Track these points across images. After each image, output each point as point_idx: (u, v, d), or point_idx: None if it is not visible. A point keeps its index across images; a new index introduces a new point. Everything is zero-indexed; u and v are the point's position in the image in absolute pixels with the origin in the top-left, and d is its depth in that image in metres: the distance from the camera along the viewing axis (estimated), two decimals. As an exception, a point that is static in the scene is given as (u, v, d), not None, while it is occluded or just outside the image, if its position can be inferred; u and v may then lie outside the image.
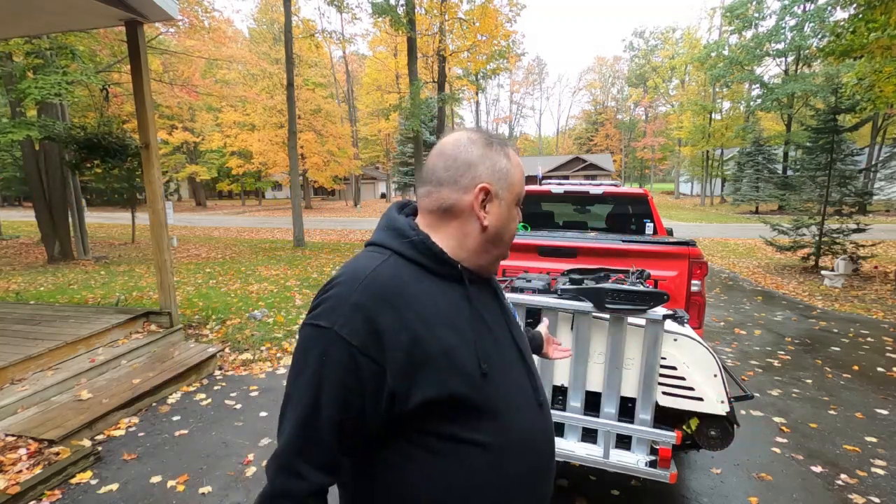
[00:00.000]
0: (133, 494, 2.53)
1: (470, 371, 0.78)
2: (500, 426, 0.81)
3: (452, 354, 0.77)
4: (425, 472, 0.78)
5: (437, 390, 0.75)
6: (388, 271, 0.79)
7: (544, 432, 0.90)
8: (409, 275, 0.80)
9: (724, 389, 1.90)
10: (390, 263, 0.80)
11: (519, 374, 0.89)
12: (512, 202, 0.86)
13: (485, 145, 0.85)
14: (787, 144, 24.17)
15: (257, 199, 41.49)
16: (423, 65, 16.13)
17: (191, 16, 12.20)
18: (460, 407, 0.77)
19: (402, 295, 0.77)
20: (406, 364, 0.74)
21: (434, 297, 0.80)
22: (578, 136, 66.28)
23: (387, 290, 0.76)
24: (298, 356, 0.77)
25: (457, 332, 0.79)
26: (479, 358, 0.80)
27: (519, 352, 0.91)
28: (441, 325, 0.78)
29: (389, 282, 0.77)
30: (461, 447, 0.78)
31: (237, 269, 9.07)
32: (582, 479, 2.63)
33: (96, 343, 3.98)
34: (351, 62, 35.65)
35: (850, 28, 7.26)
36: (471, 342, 0.80)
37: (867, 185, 14.13)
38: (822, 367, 4.33)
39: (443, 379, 0.75)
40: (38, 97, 6.79)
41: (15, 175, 21.77)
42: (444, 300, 0.81)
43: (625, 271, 2.25)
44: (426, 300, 0.79)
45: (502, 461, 0.81)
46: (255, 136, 25.45)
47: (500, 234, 0.86)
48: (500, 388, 0.83)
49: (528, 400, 0.87)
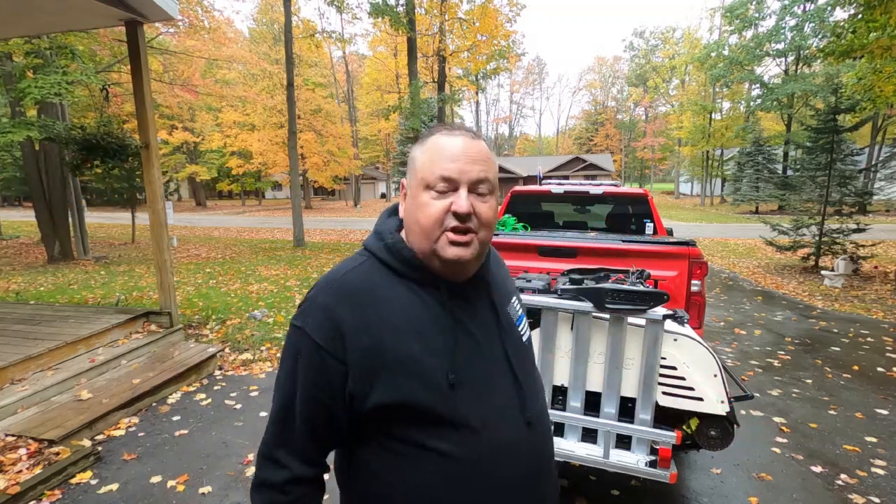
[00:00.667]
0: (133, 494, 2.53)
1: (435, 381, 0.76)
2: (471, 440, 0.77)
3: (416, 362, 0.76)
4: (394, 475, 0.79)
5: (393, 396, 0.75)
6: (360, 275, 0.81)
7: (532, 453, 0.85)
8: (382, 278, 0.81)
9: (724, 389, 1.90)
10: (365, 267, 0.83)
11: (504, 388, 0.84)
12: (419, 187, 0.80)
13: (419, 141, 0.85)
14: (787, 144, 24.16)
15: (257, 199, 41.49)
16: (423, 65, 16.13)
17: (191, 16, 12.20)
18: (423, 416, 0.76)
19: (368, 298, 0.78)
20: (365, 366, 0.75)
21: (405, 302, 0.79)
22: (578, 136, 66.26)
23: (354, 293, 0.79)
24: (282, 354, 0.83)
25: (425, 340, 0.78)
26: (448, 368, 0.77)
27: (509, 366, 0.85)
28: (408, 332, 0.77)
29: (359, 285, 0.80)
30: (426, 454, 0.77)
31: (237, 269, 9.07)
32: (582, 479, 2.63)
33: (96, 343, 3.98)
34: (351, 62, 35.66)
35: (850, 28, 7.26)
36: (440, 351, 0.78)
37: (867, 185, 14.13)
38: (822, 367, 4.33)
39: (401, 385, 0.75)
40: (37, 97, 6.78)
41: (15, 175, 21.76)
42: (417, 306, 0.80)
43: (625, 271, 2.24)
44: (395, 305, 0.79)
45: (473, 476, 0.78)
46: (255, 136, 25.45)
47: (411, 223, 0.82)
48: (473, 402, 0.79)
49: (510, 416, 0.83)
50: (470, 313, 0.84)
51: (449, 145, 0.80)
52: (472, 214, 0.78)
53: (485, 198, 0.80)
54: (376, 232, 0.86)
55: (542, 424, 0.90)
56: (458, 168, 0.78)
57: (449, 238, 0.78)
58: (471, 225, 0.78)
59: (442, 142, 0.80)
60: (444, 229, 0.78)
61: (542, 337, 2.07)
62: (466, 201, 0.77)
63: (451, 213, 0.77)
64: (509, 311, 0.93)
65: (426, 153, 0.81)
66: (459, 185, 0.78)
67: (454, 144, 0.79)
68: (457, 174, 0.78)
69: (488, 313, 0.87)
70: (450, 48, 15.25)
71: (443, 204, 0.78)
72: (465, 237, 0.78)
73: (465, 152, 0.79)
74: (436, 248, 0.79)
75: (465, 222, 0.77)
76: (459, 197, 0.77)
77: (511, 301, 0.95)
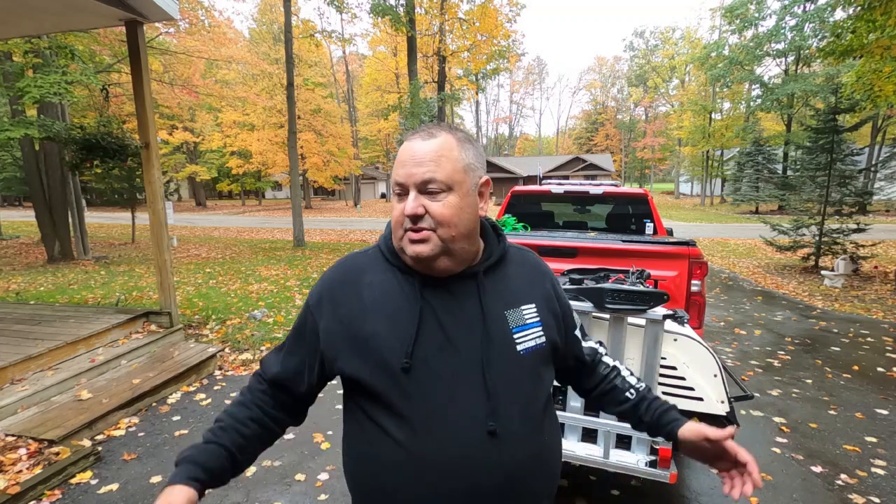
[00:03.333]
0: (133, 494, 2.53)
1: (389, 362, 0.81)
2: (418, 433, 0.80)
3: (377, 340, 0.82)
4: (357, 436, 0.89)
5: (351, 368, 0.84)
6: (361, 258, 0.94)
7: (491, 465, 0.80)
8: (375, 264, 0.91)
9: (724, 389, 1.90)
10: (369, 253, 0.94)
11: (466, 392, 0.81)
12: (395, 187, 0.85)
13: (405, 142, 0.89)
14: (787, 144, 24.17)
15: (257, 199, 41.47)
16: (423, 65, 16.13)
17: (191, 16, 12.19)
18: (376, 397, 0.83)
19: (356, 277, 0.90)
20: (334, 333, 0.86)
21: (386, 286, 0.87)
22: (578, 136, 66.29)
23: (347, 271, 0.92)
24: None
25: (393, 323, 0.83)
26: (405, 352, 0.80)
27: (480, 368, 0.82)
28: (378, 312, 0.85)
29: (354, 265, 0.92)
30: (384, 436, 0.83)
31: (237, 269, 9.06)
32: (582, 479, 2.63)
33: (96, 343, 3.98)
34: (351, 62, 35.66)
35: (849, 28, 7.26)
36: (404, 336, 0.82)
37: (867, 185, 14.12)
38: (822, 367, 4.33)
39: (357, 360, 0.83)
40: (36, 96, 6.78)
41: (15, 175, 21.78)
42: (396, 291, 0.86)
43: (625, 271, 2.24)
44: (377, 286, 0.87)
45: (421, 472, 0.79)
46: (254, 136, 25.45)
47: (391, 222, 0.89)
48: (425, 394, 0.80)
49: (466, 422, 0.80)
50: (450, 308, 0.85)
51: (404, 149, 0.85)
52: (425, 215, 0.81)
53: (436, 196, 0.81)
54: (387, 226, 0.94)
55: (518, 437, 0.83)
56: (405, 172, 0.82)
57: (408, 237, 0.83)
58: (423, 225, 0.81)
59: (403, 146, 0.86)
60: (405, 229, 0.83)
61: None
62: (412, 203, 0.81)
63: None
64: (508, 315, 0.88)
65: (401, 154, 0.86)
66: (409, 188, 0.82)
67: (406, 149, 0.84)
68: (403, 178, 0.82)
69: (474, 312, 0.85)
70: (450, 48, 15.25)
71: (401, 206, 0.83)
72: (421, 234, 0.82)
73: (412, 156, 0.82)
74: (402, 246, 0.85)
75: (415, 223, 0.82)
76: (408, 200, 0.82)
77: (520, 306, 0.90)
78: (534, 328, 0.90)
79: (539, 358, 0.90)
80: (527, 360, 0.88)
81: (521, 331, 0.88)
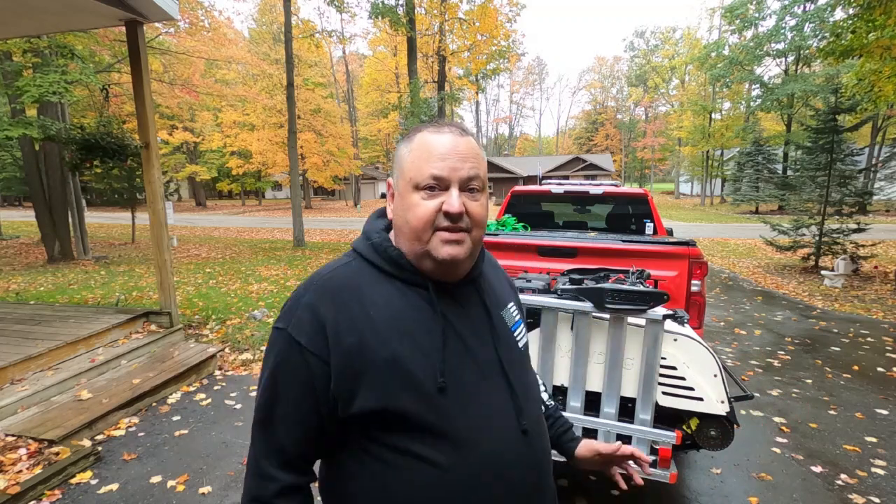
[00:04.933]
0: (133, 494, 2.53)
1: (422, 384, 0.72)
2: (460, 450, 0.73)
3: (402, 364, 0.72)
4: (378, 484, 0.74)
5: (378, 400, 0.71)
6: (347, 273, 0.79)
7: (526, 464, 0.80)
8: (368, 277, 0.79)
9: (724, 389, 1.90)
10: (352, 266, 0.81)
11: (497, 395, 0.79)
12: (407, 188, 0.77)
13: (405, 139, 0.80)
14: (787, 144, 24.16)
15: (257, 199, 41.48)
16: (424, 64, 16.13)
17: (191, 16, 12.19)
18: (409, 422, 0.72)
19: (354, 296, 0.76)
20: (348, 367, 0.72)
21: (392, 301, 0.76)
22: (578, 136, 66.30)
23: (339, 291, 0.76)
24: (264, 360, 0.79)
25: (413, 341, 0.74)
26: (436, 370, 0.73)
27: (503, 372, 0.81)
28: (394, 332, 0.73)
29: (344, 283, 0.77)
30: (413, 463, 0.72)
31: (237, 269, 9.06)
32: (582, 479, 2.63)
33: (96, 343, 3.98)
34: (351, 62, 35.66)
35: (850, 28, 7.26)
36: (429, 353, 0.74)
37: (867, 185, 14.13)
38: (822, 367, 4.33)
39: (385, 388, 0.71)
40: (35, 95, 6.78)
41: (15, 175, 21.76)
42: (405, 306, 0.76)
43: (625, 271, 2.24)
44: (381, 304, 0.75)
45: (463, 489, 0.73)
46: (254, 135, 25.45)
47: (401, 225, 0.79)
48: (462, 408, 0.75)
49: (505, 424, 0.78)
50: (460, 315, 0.80)
51: (438, 143, 0.76)
52: (465, 214, 0.75)
53: (476, 195, 0.77)
54: (364, 232, 0.85)
55: (540, 433, 0.85)
56: (448, 166, 0.75)
57: (441, 238, 0.75)
58: (462, 224, 0.75)
59: (430, 139, 0.77)
60: (436, 229, 0.75)
61: (542, 337, 2.07)
62: (458, 201, 0.74)
63: (442, 213, 0.75)
64: (503, 316, 0.88)
65: (414, 152, 0.78)
66: (451, 184, 0.75)
67: (443, 142, 0.76)
68: (447, 172, 0.75)
69: (481, 316, 0.83)
70: (450, 48, 15.26)
71: (434, 204, 0.75)
72: (458, 235, 0.76)
73: (454, 149, 0.76)
74: (428, 249, 0.76)
75: (457, 222, 0.75)
76: (451, 196, 0.74)
77: (507, 306, 0.91)
78: (520, 325, 0.93)
79: (527, 352, 0.95)
80: (525, 355, 0.92)
81: (515, 329, 0.91)
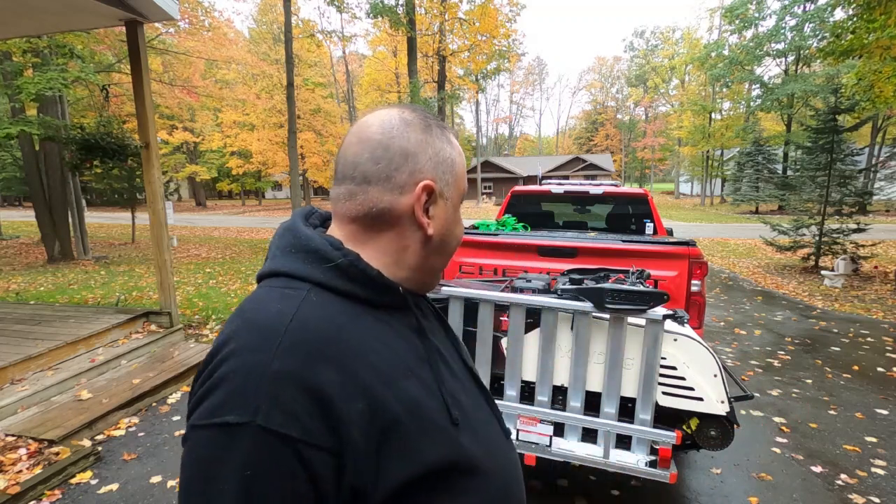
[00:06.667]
0: (133, 494, 2.53)
1: (442, 425, 0.59)
2: (483, 477, 0.61)
3: (420, 410, 0.57)
4: None
5: (412, 466, 0.54)
6: (315, 313, 0.55)
7: (517, 466, 0.73)
8: (343, 313, 0.57)
9: (724, 389, 1.90)
10: (314, 302, 0.56)
11: (481, 407, 0.71)
12: (458, 201, 0.68)
13: (423, 128, 0.64)
14: (787, 144, 24.18)
15: (257, 199, 41.49)
16: (424, 64, 16.14)
17: (191, 16, 12.20)
18: (440, 473, 0.57)
19: (343, 344, 0.54)
20: (367, 443, 0.51)
21: (382, 337, 0.59)
22: (578, 136, 66.33)
23: (322, 342, 0.53)
24: (196, 484, 0.48)
25: (418, 378, 0.60)
26: (447, 404, 0.61)
27: (472, 376, 0.73)
28: (399, 375, 0.57)
29: (322, 328, 0.54)
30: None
31: (237, 269, 9.06)
32: (582, 479, 2.63)
33: (96, 343, 3.98)
34: (351, 62, 35.67)
35: (849, 28, 7.26)
36: (429, 384, 0.61)
37: (867, 185, 14.12)
38: (822, 367, 4.33)
39: (416, 448, 0.55)
40: (32, 92, 6.80)
41: (15, 175, 21.78)
42: (392, 337, 0.61)
43: (625, 271, 2.25)
44: (375, 344, 0.57)
45: None
46: (254, 135, 25.47)
47: (447, 243, 0.67)
48: (473, 435, 0.63)
49: (498, 435, 0.71)
50: (432, 329, 0.70)
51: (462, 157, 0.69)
52: None
53: None
54: (308, 250, 0.60)
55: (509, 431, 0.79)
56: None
57: None
58: None
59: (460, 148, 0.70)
60: None
61: (542, 337, 2.07)
62: None
63: None
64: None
65: (461, 158, 0.67)
66: None
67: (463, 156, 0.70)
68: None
69: (437, 321, 0.74)
70: (450, 48, 15.26)
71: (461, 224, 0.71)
72: None
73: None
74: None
75: None
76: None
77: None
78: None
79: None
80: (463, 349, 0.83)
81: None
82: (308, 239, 0.61)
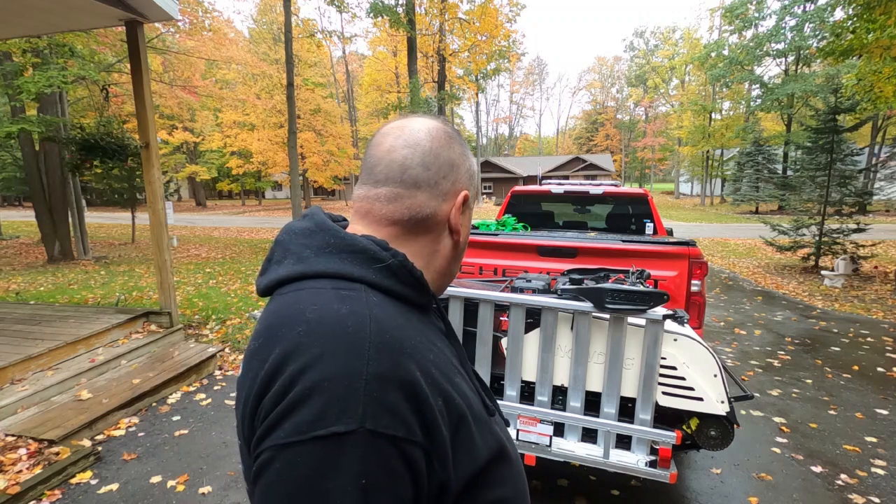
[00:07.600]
0: (133, 494, 2.53)
1: (486, 418, 0.62)
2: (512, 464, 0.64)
3: (472, 405, 0.59)
4: None
5: (476, 459, 0.56)
6: (382, 313, 0.55)
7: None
8: (400, 314, 0.58)
9: (724, 389, 1.90)
10: (375, 303, 0.55)
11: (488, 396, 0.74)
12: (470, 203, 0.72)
13: (461, 143, 0.69)
14: (787, 144, 24.19)
15: (257, 199, 41.49)
16: (424, 64, 16.14)
17: (191, 16, 12.19)
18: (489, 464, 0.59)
19: (413, 342, 0.55)
20: (447, 437, 0.53)
21: (429, 337, 0.61)
22: (578, 136, 66.34)
23: (401, 341, 0.53)
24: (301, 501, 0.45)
25: (461, 375, 0.62)
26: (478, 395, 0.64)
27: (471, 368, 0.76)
28: (452, 372, 0.60)
29: (395, 328, 0.54)
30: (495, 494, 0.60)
31: (237, 269, 9.06)
32: (582, 479, 2.63)
33: (96, 343, 3.98)
34: (351, 62, 35.70)
35: (849, 28, 7.26)
36: (469, 380, 0.65)
37: (867, 185, 14.13)
38: (822, 367, 4.33)
39: (476, 442, 0.57)
40: (32, 90, 6.80)
41: (15, 175, 21.75)
42: (436, 337, 0.63)
43: (625, 271, 2.25)
44: (429, 344, 0.59)
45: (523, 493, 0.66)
46: (254, 135, 25.45)
47: (464, 249, 0.72)
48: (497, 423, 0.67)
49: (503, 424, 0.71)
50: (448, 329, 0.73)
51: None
52: None
53: None
54: (356, 250, 0.58)
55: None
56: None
57: None
58: None
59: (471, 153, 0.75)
60: None
61: (542, 337, 2.07)
62: None
63: None
64: None
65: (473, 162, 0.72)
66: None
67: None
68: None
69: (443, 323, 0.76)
70: (450, 48, 15.27)
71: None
72: None
73: None
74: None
75: None
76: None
77: None
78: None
79: None
80: None
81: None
82: (353, 239, 0.59)
